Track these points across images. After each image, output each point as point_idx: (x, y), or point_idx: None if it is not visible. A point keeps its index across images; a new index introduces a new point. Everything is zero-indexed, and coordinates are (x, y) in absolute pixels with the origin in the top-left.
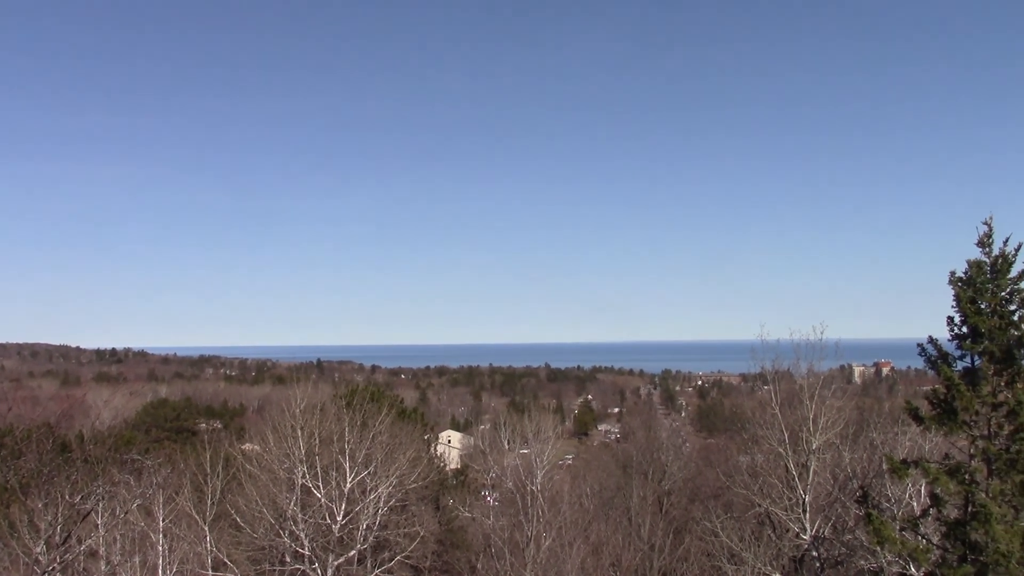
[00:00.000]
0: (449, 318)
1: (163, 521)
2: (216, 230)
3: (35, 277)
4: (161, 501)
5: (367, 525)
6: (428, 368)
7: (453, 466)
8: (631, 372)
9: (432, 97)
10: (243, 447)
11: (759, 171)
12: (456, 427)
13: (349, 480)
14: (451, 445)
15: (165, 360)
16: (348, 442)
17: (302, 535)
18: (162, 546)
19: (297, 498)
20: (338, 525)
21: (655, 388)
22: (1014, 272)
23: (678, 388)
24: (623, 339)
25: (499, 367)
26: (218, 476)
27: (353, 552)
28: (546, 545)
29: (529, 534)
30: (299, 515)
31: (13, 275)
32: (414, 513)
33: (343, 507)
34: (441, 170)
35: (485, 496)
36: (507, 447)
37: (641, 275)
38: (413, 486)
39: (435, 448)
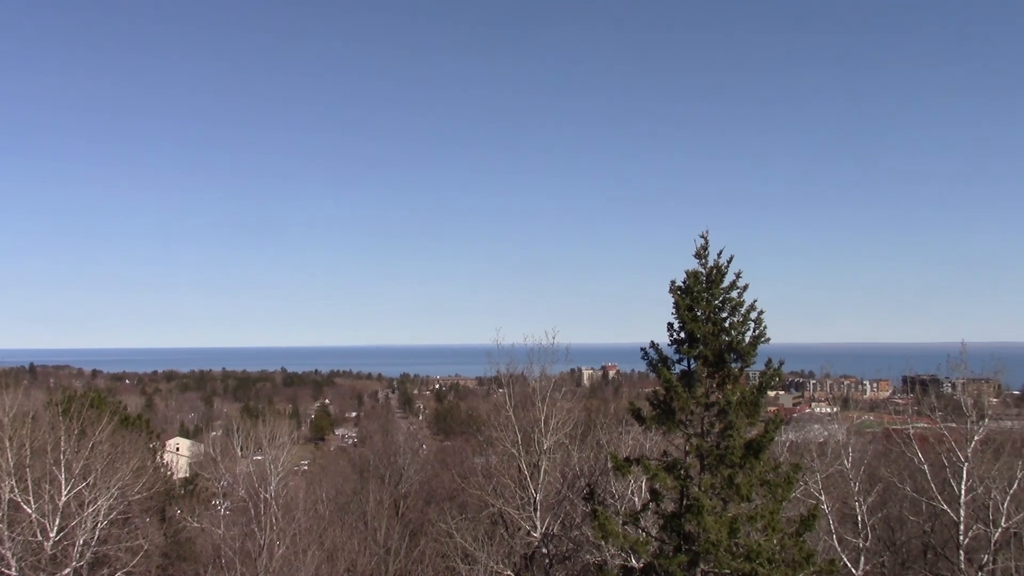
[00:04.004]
0: (179, 320)
1: None
2: None
3: None
4: None
5: (84, 541)
6: (155, 373)
7: (182, 475)
8: (369, 376)
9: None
10: None
11: (487, 187)
12: (185, 434)
13: (64, 493)
14: (179, 453)
15: None
16: (64, 452)
17: (8, 554)
18: None
19: (4, 514)
20: (51, 542)
21: (393, 392)
22: (726, 282)
23: (416, 392)
24: (361, 343)
25: (233, 371)
26: None
27: (68, 570)
28: (279, 553)
29: (262, 543)
30: (5, 533)
31: None
32: (138, 526)
33: (57, 522)
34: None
35: (216, 505)
36: (240, 454)
37: (376, 280)
38: (137, 497)
39: (162, 456)
